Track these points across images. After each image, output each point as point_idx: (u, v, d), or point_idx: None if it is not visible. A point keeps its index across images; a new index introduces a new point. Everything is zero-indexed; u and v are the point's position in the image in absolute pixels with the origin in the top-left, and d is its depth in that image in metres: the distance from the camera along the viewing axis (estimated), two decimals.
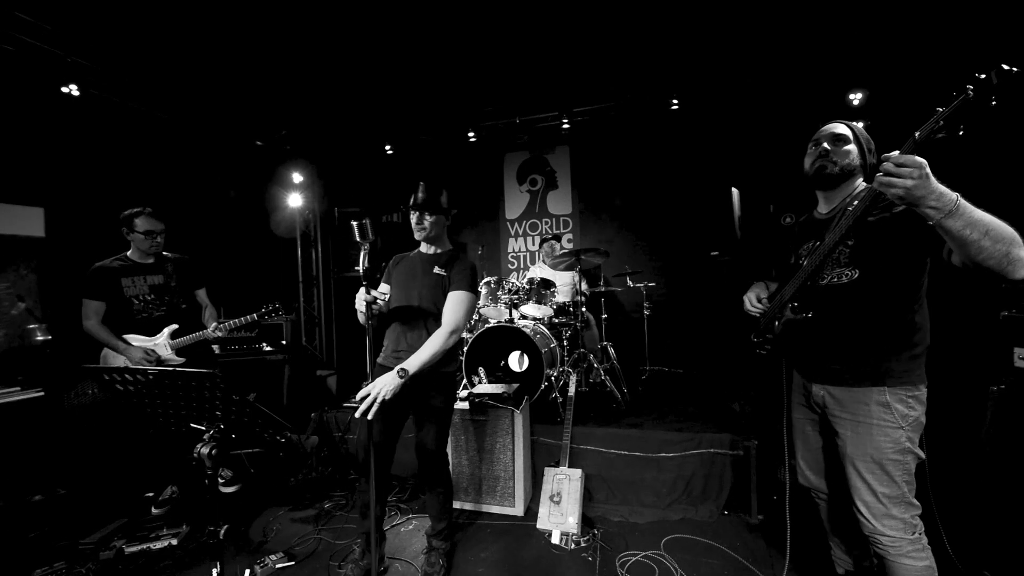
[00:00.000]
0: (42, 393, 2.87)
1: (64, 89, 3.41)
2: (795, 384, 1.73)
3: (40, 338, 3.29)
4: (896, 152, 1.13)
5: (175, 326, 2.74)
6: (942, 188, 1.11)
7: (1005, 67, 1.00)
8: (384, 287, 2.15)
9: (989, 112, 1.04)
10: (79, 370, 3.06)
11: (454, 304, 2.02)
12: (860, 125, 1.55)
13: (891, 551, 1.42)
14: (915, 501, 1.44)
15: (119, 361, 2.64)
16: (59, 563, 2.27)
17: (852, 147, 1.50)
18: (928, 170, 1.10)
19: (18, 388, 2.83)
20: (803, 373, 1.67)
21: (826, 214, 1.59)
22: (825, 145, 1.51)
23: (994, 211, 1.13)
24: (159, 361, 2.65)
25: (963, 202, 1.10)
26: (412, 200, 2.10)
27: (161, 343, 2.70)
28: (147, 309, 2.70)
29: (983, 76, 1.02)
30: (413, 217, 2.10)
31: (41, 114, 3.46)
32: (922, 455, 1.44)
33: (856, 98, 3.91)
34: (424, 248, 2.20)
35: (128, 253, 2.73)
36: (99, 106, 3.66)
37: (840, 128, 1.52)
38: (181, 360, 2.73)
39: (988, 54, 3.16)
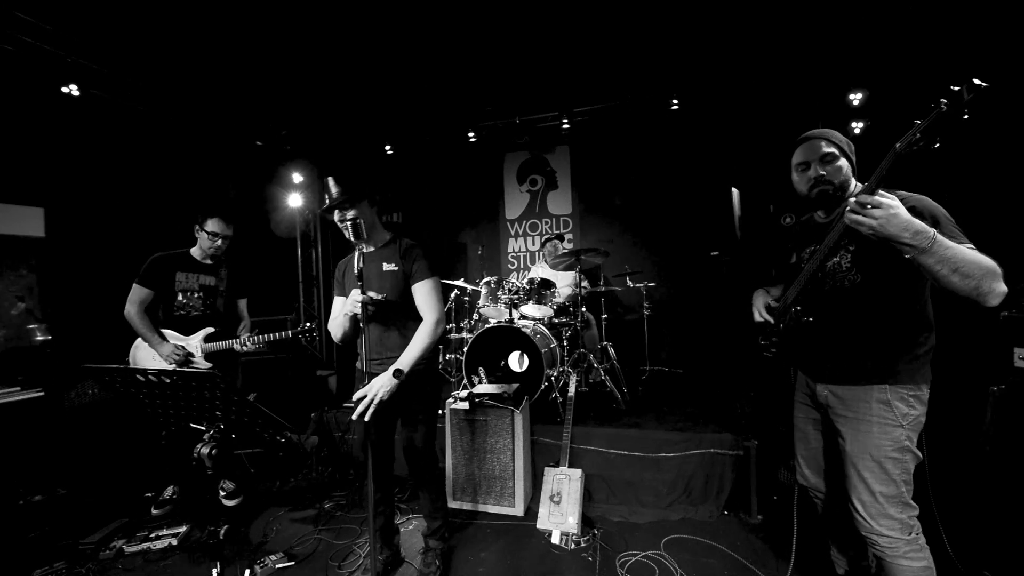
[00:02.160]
0: (42, 393, 2.87)
1: (64, 89, 3.41)
2: (799, 383, 1.74)
3: (40, 338, 3.29)
4: (863, 185, 1.20)
5: (211, 329, 2.77)
6: (917, 225, 1.15)
7: (976, 81, 1.02)
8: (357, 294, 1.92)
9: (962, 126, 1.06)
10: (79, 370, 3.05)
11: (425, 296, 1.97)
12: (844, 135, 1.54)
13: (888, 552, 1.42)
14: (912, 502, 1.44)
15: (147, 353, 2.67)
16: (59, 563, 2.27)
17: (842, 161, 1.48)
18: (897, 209, 1.15)
19: (18, 388, 2.83)
20: (808, 373, 1.68)
21: (826, 218, 1.61)
22: (819, 170, 1.49)
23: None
24: (187, 359, 2.67)
25: (938, 240, 1.15)
26: (326, 200, 1.90)
27: (194, 344, 2.72)
28: (186, 307, 2.73)
29: (956, 89, 1.05)
30: (335, 217, 1.92)
31: (41, 114, 3.45)
32: (920, 455, 1.44)
33: (856, 98, 3.91)
34: (364, 247, 1.99)
35: (192, 250, 2.78)
36: (99, 106, 3.66)
37: (826, 147, 1.49)
38: (208, 365, 2.74)
39: (987, 54, 3.16)
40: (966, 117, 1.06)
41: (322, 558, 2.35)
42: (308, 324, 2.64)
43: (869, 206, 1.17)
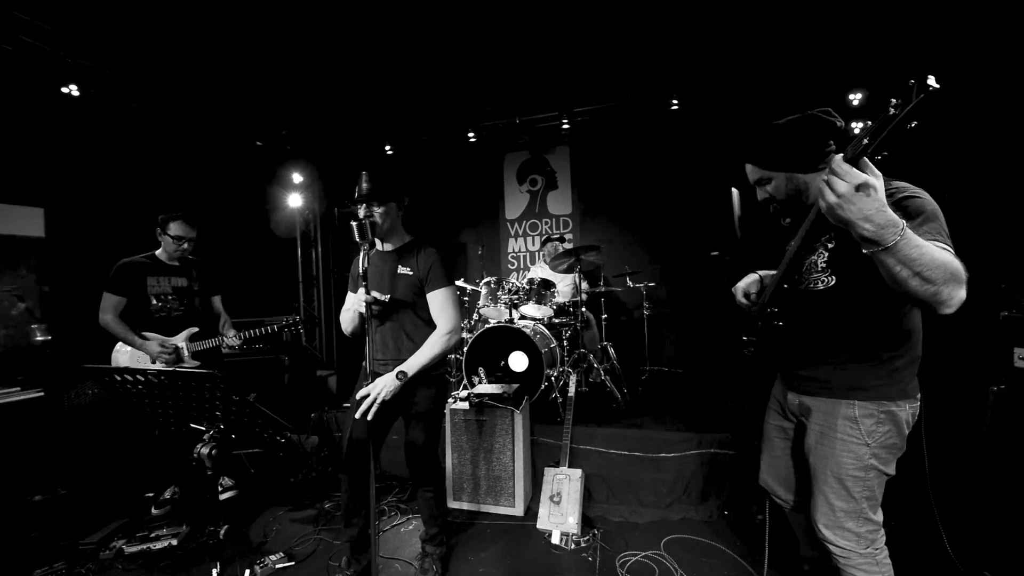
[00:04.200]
0: (42, 393, 2.87)
1: (64, 89, 3.41)
2: (774, 388, 1.68)
3: (40, 338, 3.29)
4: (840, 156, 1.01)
5: (195, 328, 2.77)
6: (883, 219, 0.96)
7: (930, 81, 0.87)
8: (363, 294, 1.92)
9: (908, 133, 0.94)
10: (79, 370, 3.05)
11: (441, 304, 1.95)
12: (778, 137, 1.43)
13: (840, 561, 1.40)
14: (874, 517, 1.38)
15: (131, 356, 2.65)
16: (59, 563, 2.27)
17: (774, 175, 1.44)
18: (868, 193, 0.94)
19: (18, 388, 2.83)
20: (782, 378, 1.62)
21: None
22: (760, 195, 1.51)
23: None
24: (176, 353, 2.67)
25: (907, 236, 0.97)
26: (356, 193, 1.92)
27: (180, 343, 2.72)
28: (166, 309, 2.72)
29: (911, 83, 0.90)
30: (361, 211, 1.92)
31: (41, 114, 3.45)
32: (889, 473, 1.36)
33: (856, 98, 3.91)
34: (380, 246, 2.04)
35: (156, 252, 2.76)
36: (99, 106, 3.66)
37: (753, 175, 1.50)
38: (196, 364, 2.74)
39: (987, 53, 3.16)
40: (914, 125, 0.92)
41: (322, 558, 2.34)
42: (296, 317, 2.63)
43: (836, 173, 0.96)
